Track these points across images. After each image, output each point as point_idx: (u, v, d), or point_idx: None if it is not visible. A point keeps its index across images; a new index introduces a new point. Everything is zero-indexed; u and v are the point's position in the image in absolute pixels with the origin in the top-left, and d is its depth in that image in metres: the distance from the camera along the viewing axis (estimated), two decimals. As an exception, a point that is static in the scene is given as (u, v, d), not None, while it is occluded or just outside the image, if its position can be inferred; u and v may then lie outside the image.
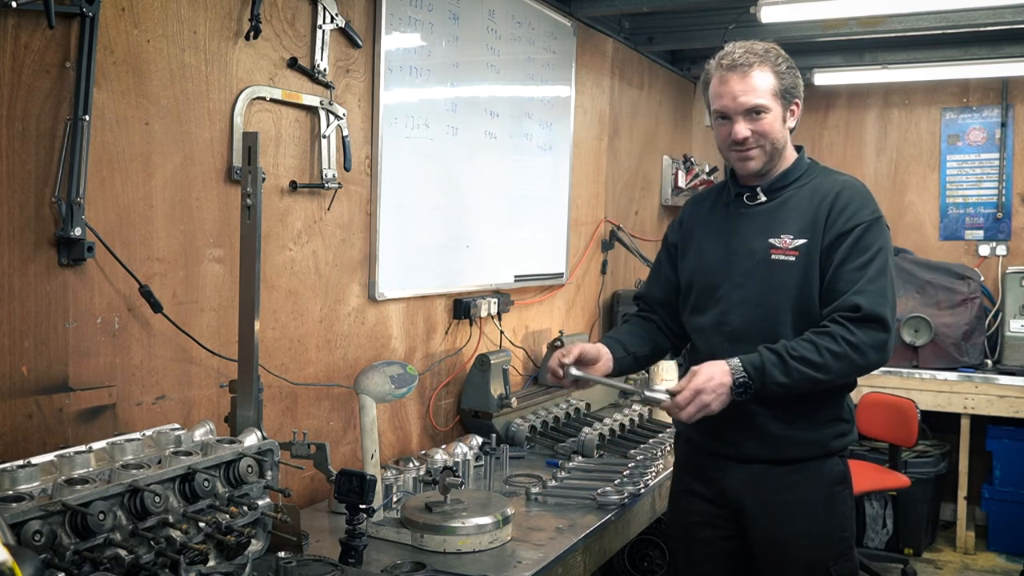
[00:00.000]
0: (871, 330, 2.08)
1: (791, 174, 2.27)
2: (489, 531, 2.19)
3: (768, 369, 2.07)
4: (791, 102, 2.24)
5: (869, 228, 2.15)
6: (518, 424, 3.24)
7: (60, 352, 1.96)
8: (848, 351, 2.07)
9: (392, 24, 2.86)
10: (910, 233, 5.69)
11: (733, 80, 2.18)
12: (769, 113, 2.19)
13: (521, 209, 3.73)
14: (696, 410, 2.07)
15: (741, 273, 2.24)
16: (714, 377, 2.08)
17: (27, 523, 1.46)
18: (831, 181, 2.25)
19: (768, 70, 2.19)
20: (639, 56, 4.88)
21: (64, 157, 1.92)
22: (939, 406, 4.95)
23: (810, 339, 2.09)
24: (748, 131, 2.19)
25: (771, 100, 2.19)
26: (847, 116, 5.86)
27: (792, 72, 2.23)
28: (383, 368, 2.38)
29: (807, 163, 2.32)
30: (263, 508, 1.90)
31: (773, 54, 2.22)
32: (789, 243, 2.19)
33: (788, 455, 2.20)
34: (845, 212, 2.17)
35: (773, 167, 2.26)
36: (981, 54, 4.67)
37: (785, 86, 2.21)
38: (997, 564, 4.88)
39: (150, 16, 2.12)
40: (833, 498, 2.23)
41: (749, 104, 2.18)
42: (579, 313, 4.38)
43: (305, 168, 2.60)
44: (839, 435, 2.25)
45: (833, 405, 2.24)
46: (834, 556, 2.21)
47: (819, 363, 2.06)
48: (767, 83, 2.18)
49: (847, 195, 2.20)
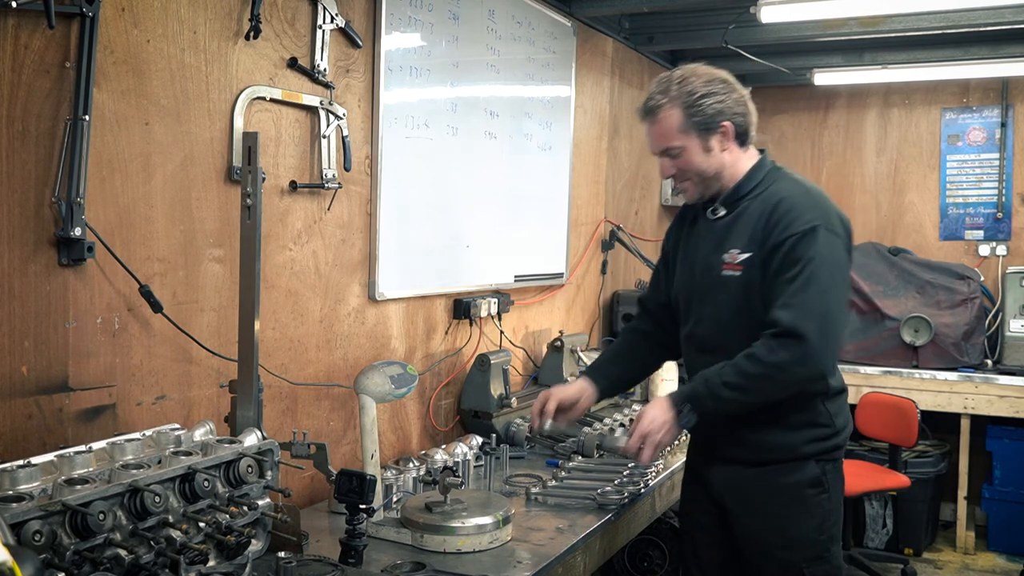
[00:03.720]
0: (789, 345, 2.11)
1: (744, 186, 2.30)
2: (489, 531, 2.20)
3: (702, 399, 2.20)
4: (713, 129, 2.25)
5: (802, 239, 2.15)
6: (518, 424, 3.24)
7: (60, 352, 1.96)
8: (767, 371, 2.13)
9: (392, 24, 2.86)
10: (910, 233, 5.69)
11: (647, 126, 2.32)
12: (684, 151, 2.27)
13: (521, 209, 3.73)
14: (651, 451, 2.24)
15: (703, 288, 2.35)
16: (656, 418, 2.23)
17: (27, 523, 1.46)
18: (776, 191, 2.26)
19: (676, 108, 2.24)
20: (639, 56, 4.88)
21: (64, 157, 1.92)
22: (939, 406, 4.95)
23: (736, 363, 2.17)
24: (672, 169, 2.31)
25: (682, 138, 2.26)
26: (847, 116, 5.86)
27: (712, 97, 2.23)
28: (383, 368, 2.38)
29: (766, 170, 2.32)
30: (263, 508, 1.90)
31: (687, 88, 2.24)
32: (736, 258, 2.26)
33: (760, 458, 2.29)
34: (780, 223, 2.19)
35: (721, 185, 2.32)
36: (981, 54, 4.67)
37: (699, 119, 2.24)
38: (997, 564, 4.88)
39: (150, 16, 2.12)
40: (806, 501, 2.27)
41: (661, 148, 2.30)
42: (579, 313, 4.38)
43: (305, 168, 2.60)
44: (814, 440, 2.27)
45: (806, 411, 2.26)
46: (809, 558, 2.26)
47: (744, 386, 2.16)
48: (674, 123, 2.25)
49: (784, 206, 2.21)
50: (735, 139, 2.28)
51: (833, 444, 2.29)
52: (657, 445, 2.24)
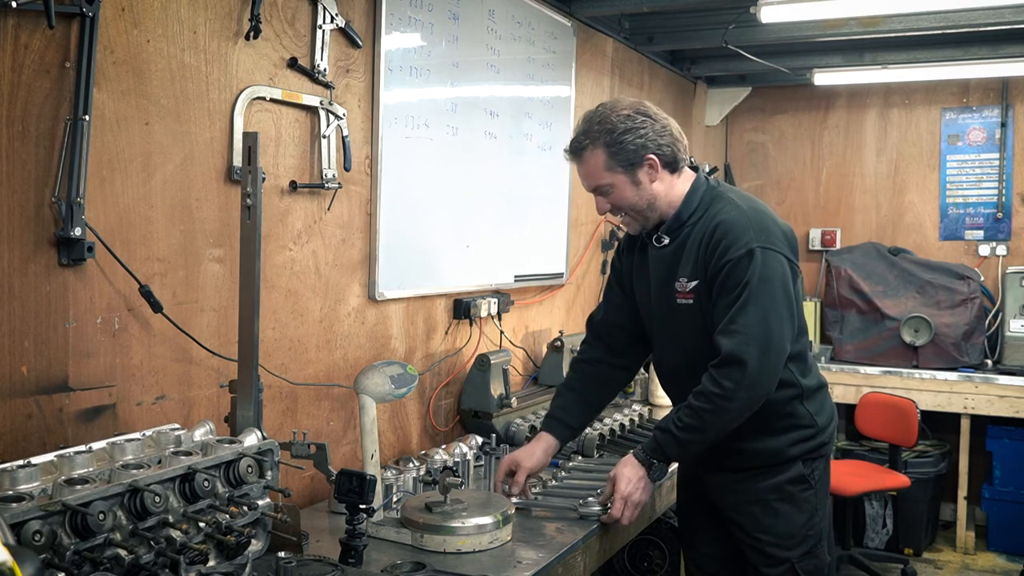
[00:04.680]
0: (731, 374, 2.13)
1: (683, 212, 2.31)
2: (489, 531, 2.19)
3: (666, 449, 2.26)
4: (639, 163, 2.25)
5: (738, 263, 2.16)
6: (518, 424, 3.24)
7: (60, 352, 1.96)
8: (719, 403, 2.15)
9: (392, 24, 2.86)
10: (910, 233, 5.69)
11: (576, 166, 2.35)
12: (613, 187, 2.28)
13: (521, 209, 3.73)
14: (632, 511, 2.32)
15: (661, 316, 2.38)
16: (631, 479, 2.30)
17: (27, 523, 1.46)
18: (713, 214, 2.26)
19: (599, 148, 2.26)
20: (639, 56, 4.88)
21: (64, 157, 1.92)
22: (939, 406, 4.95)
23: (689, 404, 2.20)
24: (607, 205, 2.33)
25: (609, 176, 2.27)
26: (847, 116, 5.86)
27: (632, 133, 2.22)
28: (383, 368, 2.38)
29: (701, 192, 2.31)
30: (263, 508, 1.90)
31: (607, 127, 2.24)
32: (685, 286, 2.27)
33: (748, 464, 2.32)
34: (718, 249, 2.20)
35: (660, 214, 2.32)
36: (981, 54, 4.67)
37: (622, 156, 2.24)
38: (997, 564, 4.88)
39: (150, 16, 2.12)
40: (794, 497, 2.31)
41: (591, 187, 2.33)
42: (579, 313, 4.38)
43: (305, 168, 2.60)
44: (798, 441, 2.30)
45: (786, 415, 2.28)
46: (800, 554, 2.31)
47: (697, 426, 2.19)
48: (599, 162, 2.27)
49: (720, 231, 2.21)
50: (664, 168, 2.27)
51: (818, 443, 2.32)
52: (637, 505, 2.32)
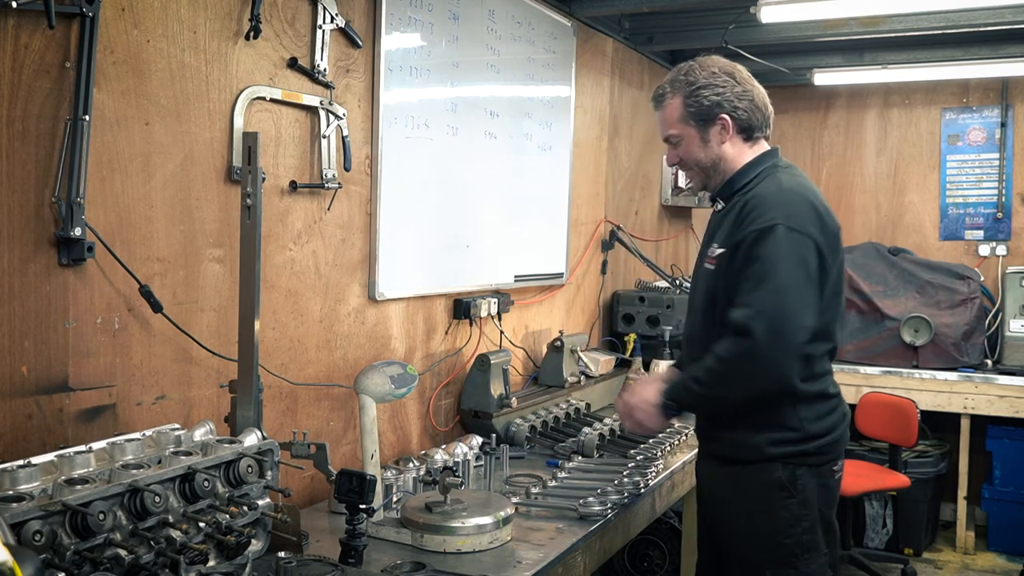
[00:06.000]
0: (738, 342, 2.14)
1: (737, 180, 2.34)
2: (489, 531, 2.20)
3: (680, 392, 2.26)
4: (711, 121, 2.30)
5: (760, 236, 2.16)
6: (518, 424, 3.24)
7: (60, 352, 1.96)
8: (718, 367, 2.18)
9: (392, 24, 2.86)
10: (910, 233, 5.69)
11: (656, 114, 2.42)
12: (682, 139, 2.35)
13: (521, 209, 3.73)
14: (631, 424, 2.35)
15: (694, 280, 2.46)
16: (642, 395, 2.31)
17: (27, 523, 1.47)
18: (760, 188, 2.27)
19: (678, 98, 2.33)
20: (639, 56, 4.88)
21: (64, 157, 1.92)
22: (939, 406, 4.95)
23: (704, 359, 2.22)
24: (675, 157, 2.40)
25: (681, 128, 2.34)
26: (847, 116, 5.86)
27: (710, 89, 2.28)
28: (383, 368, 2.39)
29: (763, 166, 2.33)
30: (263, 508, 1.90)
31: (690, 78, 2.32)
32: (715, 252, 2.29)
33: (729, 454, 2.31)
34: (746, 221, 2.21)
35: (720, 178, 2.37)
36: (981, 54, 4.68)
37: (696, 109, 2.30)
38: (997, 564, 4.88)
39: (150, 16, 2.12)
40: (773, 503, 2.23)
41: (664, 135, 2.40)
42: (579, 313, 4.38)
43: (305, 168, 2.60)
44: (778, 442, 2.23)
45: (771, 412, 2.23)
46: (773, 562, 2.23)
47: (706, 382, 2.21)
48: (675, 113, 2.34)
49: (752, 203, 2.23)
50: (738, 133, 2.30)
51: (801, 449, 2.23)
52: (636, 422, 2.32)
